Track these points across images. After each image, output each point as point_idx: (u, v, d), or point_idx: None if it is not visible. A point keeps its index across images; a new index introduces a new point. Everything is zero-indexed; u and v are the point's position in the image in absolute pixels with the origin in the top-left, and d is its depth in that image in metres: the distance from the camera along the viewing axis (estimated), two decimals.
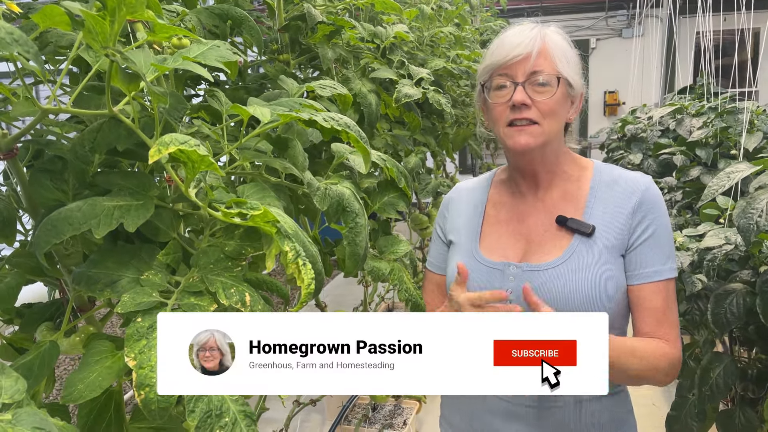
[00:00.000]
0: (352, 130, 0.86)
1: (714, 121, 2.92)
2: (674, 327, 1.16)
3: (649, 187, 1.18)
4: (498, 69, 1.16)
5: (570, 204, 1.22)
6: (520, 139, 1.15)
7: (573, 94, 1.19)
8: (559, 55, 1.15)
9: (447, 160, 3.12)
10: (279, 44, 1.46)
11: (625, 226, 1.16)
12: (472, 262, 1.26)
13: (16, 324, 0.94)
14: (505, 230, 1.27)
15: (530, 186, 1.27)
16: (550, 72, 1.13)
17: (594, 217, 1.18)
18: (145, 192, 0.74)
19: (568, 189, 1.24)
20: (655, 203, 1.17)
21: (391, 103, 1.60)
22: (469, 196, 1.37)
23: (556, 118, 1.16)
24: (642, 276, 1.15)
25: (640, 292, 1.15)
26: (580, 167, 1.26)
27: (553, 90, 1.14)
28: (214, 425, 0.65)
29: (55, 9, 0.62)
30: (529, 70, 1.13)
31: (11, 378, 0.53)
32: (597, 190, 1.21)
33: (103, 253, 0.72)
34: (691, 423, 1.87)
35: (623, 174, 1.23)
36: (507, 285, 1.20)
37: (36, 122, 0.72)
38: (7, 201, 0.83)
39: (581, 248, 1.16)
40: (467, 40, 2.80)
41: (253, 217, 0.68)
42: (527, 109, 1.13)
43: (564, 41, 1.18)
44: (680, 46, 6.57)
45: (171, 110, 0.75)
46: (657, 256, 1.15)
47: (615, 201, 1.18)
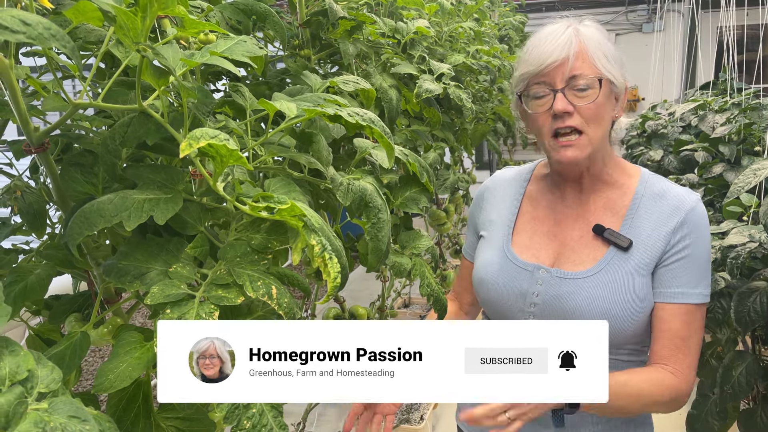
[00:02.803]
0: (376, 126, 0.86)
1: (737, 117, 2.88)
2: (688, 355, 1.10)
3: (695, 207, 1.11)
4: (534, 77, 1.11)
5: (610, 212, 1.17)
6: (566, 154, 1.10)
7: (617, 92, 1.12)
8: (598, 54, 1.08)
9: (464, 155, 3.11)
10: (300, 40, 1.46)
11: (663, 243, 1.10)
12: (501, 258, 1.23)
13: (44, 315, 0.96)
14: (540, 229, 1.23)
15: (572, 189, 1.22)
16: (591, 74, 1.07)
17: (633, 231, 1.13)
18: (173, 185, 0.75)
19: (611, 196, 1.19)
20: (698, 224, 1.11)
21: (411, 98, 1.59)
22: (507, 188, 1.33)
23: (601, 123, 1.10)
24: (666, 295, 1.10)
25: (660, 312, 1.11)
26: (627, 175, 1.20)
27: (596, 93, 1.07)
28: (242, 416, 0.66)
29: (88, 5, 0.63)
30: (568, 75, 1.07)
31: (47, 368, 0.54)
32: (640, 201, 1.15)
33: (133, 246, 0.73)
34: (712, 422, 1.86)
35: (670, 189, 1.15)
36: (533, 288, 1.17)
37: (67, 117, 0.73)
38: (38, 194, 0.84)
39: (615, 262, 1.12)
40: (486, 35, 2.79)
41: (280, 211, 0.69)
42: (570, 116, 1.08)
43: (601, 35, 1.11)
44: (702, 41, 6.48)
45: (199, 105, 0.76)
46: (687, 278, 1.09)
47: (657, 217, 1.12)
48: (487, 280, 1.24)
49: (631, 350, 1.16)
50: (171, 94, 0.83)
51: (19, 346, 0.53)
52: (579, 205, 1.21)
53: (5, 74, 0.65)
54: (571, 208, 1.22)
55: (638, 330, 1.12)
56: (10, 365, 0.51)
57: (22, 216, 0.91)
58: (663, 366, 1.10)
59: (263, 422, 0.66)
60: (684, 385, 1.10)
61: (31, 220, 0.89)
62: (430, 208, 2.87)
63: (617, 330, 1.10)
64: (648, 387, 1.07)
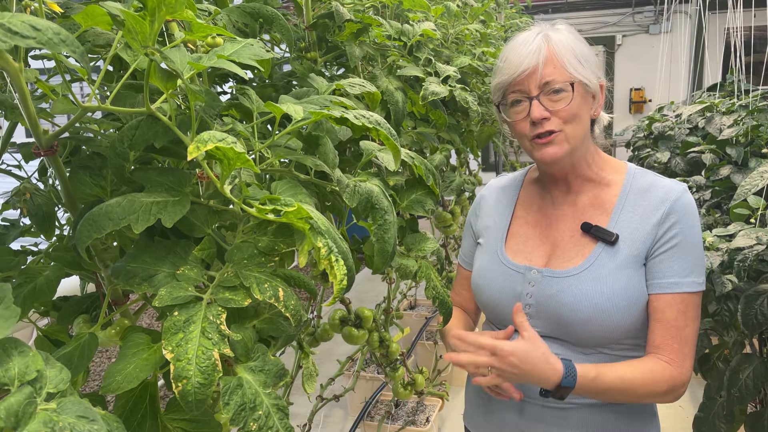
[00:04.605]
0: (382, 128, 0.86)
1: (745, 119, 2.87)
2: (685, 344, 1.11)
3: (681, 196, 1.13)
4: (509, 86, 1.14)
5: (598, 210, 1.19)
6: (547, 151, 1.13)
7: (592, 90, 1.15)
8: (569, 57, 1.11)
9: (470, 157, 3.11)
10: (306, 42, 1.47)
11: (650, 235, 1.12)
12: (495, 263, 1.26)
13: (52, 317, 0.97)
14: (533, 233, 1.26)
15: (561, 190, 1.25)
16: (562, 79, 1.10)
17: (620, 225, 1.15)
18: (181, 188, 0.75)
19: (598, 194, 1.21)
20: (685, 212, 1.12)
21: (417, 100, 1.60)
22: (501, 195, 1.36)
23: (579, 122, 1.13)
24: (659, 286, 1.11)
25: (655, 303, 1.12)
26: (614, 171, 1.23)
27: (570, 96, 1.10)
28: (248, 418, 0.66)
29: (97, 9, 0.64)
30: (541, 82, 1.10)
31: (56, 368, 0.55)
32: (627, 196, 1.18)
33: (141, 248, 0.73)
34: (719, 425, 1.85)
35: (657, 181, 1.18)
36: (526, 289, 1.19)
37: (76, 120, 0.74)
38: (47, 196, 0.85)
39: (603, 257, 1.14)
40: (492, 37, 2.79)
41: (287, 213, 0.69)
42: (547, 121, 1.11)
43: (571, 39, 1.14)
44: (709, 42, 6.45)
45: (206, 108, 0.76)
46: (679, 268, 1.10)
47: (644, 210, 1.14)
48: (483, 285, 1.27)
49: (630, 345, 1.17)
50: (178, 97, 0.84)
51: (28, 346, 0.54)
52: (568, 205, 1.24)
53: (15, 78, 0.66)
54: (561, 209, 1.24)
55: (635, 324, 1.13)
56: (19, 366, 0.51)
57: (31, 218, 0.92)
58: (659, 356, 1.11)
59: (269, 424, 0.66)
60: (680, 375, 1.11)
61: (40, 222, 0.90)
62: (435, 210, 2.87)
63: (612, 325, 1.11)
64: (645, 380, 1.09)
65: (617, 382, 1.07)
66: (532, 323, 1.17)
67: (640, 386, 1.08)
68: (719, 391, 1.88)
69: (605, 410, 1.17)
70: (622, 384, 1.07)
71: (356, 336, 1.79)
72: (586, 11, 8.37)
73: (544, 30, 1.14)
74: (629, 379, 1.08)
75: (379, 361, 2.09)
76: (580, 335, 1.14)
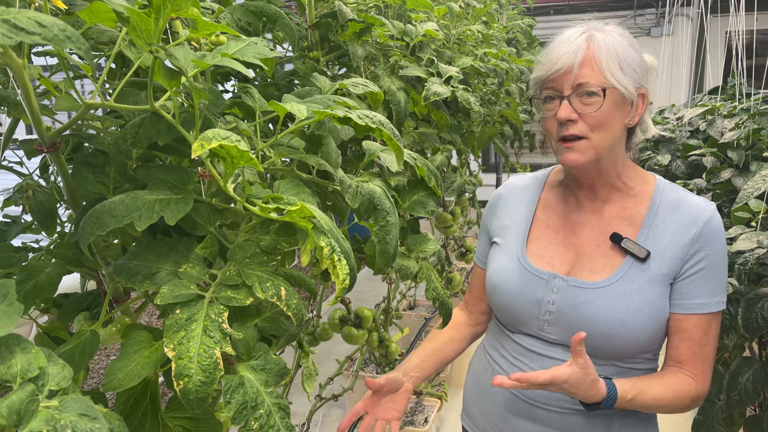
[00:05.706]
0: (385, 128, 0.86)
1: (746, 122, 2.86)
2: (707, 359, 1.12)
3: (712, 217, 1.11)
4: (544, 82, 1.13)
5: (626, 222, 1.17)
6: (569, 156, 1.11)
7: (629, 98, 1.11)
8: (608, 61, 1.08)
9: (471, 157, 3.11)
10: (309, 41, 1.46)
11: (680, 255, 1.10)
12: (516, 265, 1.23)
13: (53, 314, 0.96)
14: (555, 238, 1.23)
15: (587, 196, 1.21)
16: (597, 83, 1.07)
17: (649, 241, 1.13)
18: (183, 186, 0.75)
19: (626, 204, 1.18)
20: (715, 235, 1.11)
21: (419, 100, 1.60)
22: (521, 195, 1.33)
23: (607, 130, 1.10)
24: (687, 307, 1.11)
25: (682, 322, 1.11)
26: (643, 182, 1.20)
27: (600, 102, 1.07)
28: (249, 416, 0.66)
29: (102, 6, 0.64)
30: (575, 83, 1.08)
31: (58, 365, 0.55)
32: (657, 211, 1.15)
33: (143, 246, 0.73)
34: (718, 428, 1.85)
35: (687, 198, 1.15)
36: (549, 296, 1.17)
37: (79, 117, 0.74)
38: (49, 193, 0.85)
39: (632, 272, 1.12)
40: (494, 38, 2.79)
41: (290, 212, 0.69)
42: (573, 124, 1.09)
43: (618, 42, 1.11)
44: (710, 45, 6.46)
45: (210, 106, 0.76)
46: (707, 289, 1.10)
47: (674, 228, 1.12)
48: (501, 286, 1.24)
49: (644, 359, 1.17)
50: (182, 95, 0.84)
51: (31, 343, 0.54)
52: (593, 213, 1.21)
53: (19, 74, 0.66)
54: (586, 217, 1.21)
55: (652, 340, 1.13)
56: (21, 363, 0.51)
57: (32, 215, 0.92)
58: (684, 371, 1.13)
59: (270, 423, 0.66)
60: (704, 390, 1.14)
61: (42, 218, 0.90)
62: (436, 211, 2.87)
63: (632, 340, 1.11)
64: (674, 398, 1.11)
65: (650, 402, 1.09)
66: (550, 330, 1.16)
67: (669, 404, 1.11)
68: (719, 395, 1.88)
69: (606, 413, 1.17)
70: (653, 402, 1.09)
71: (356, 336, 1.79)
72: (587, 13, 8.36)
73: (591, 29, 1.11)
74: (661, 398, 1.10)
75: (379, 360, 2.09)
76: (598, 348, 1.12)
